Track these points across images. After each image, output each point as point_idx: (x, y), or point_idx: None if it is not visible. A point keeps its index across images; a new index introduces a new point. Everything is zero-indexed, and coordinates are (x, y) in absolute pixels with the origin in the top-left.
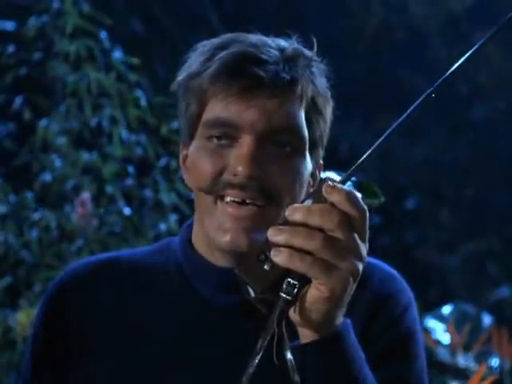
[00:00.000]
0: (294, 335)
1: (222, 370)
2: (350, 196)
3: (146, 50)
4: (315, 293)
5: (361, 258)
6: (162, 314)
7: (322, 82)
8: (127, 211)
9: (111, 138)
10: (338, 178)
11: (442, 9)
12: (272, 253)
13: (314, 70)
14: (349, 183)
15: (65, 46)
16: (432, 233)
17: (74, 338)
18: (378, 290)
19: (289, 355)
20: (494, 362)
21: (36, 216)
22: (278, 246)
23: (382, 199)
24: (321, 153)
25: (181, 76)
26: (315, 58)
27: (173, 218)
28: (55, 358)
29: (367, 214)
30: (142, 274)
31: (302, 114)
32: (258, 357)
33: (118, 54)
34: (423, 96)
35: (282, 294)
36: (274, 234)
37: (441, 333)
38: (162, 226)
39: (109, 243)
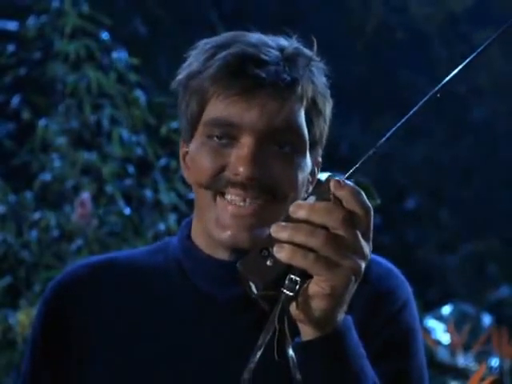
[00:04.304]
0: (296, 332)
1: (224, 364)
2: (356, 193)
3: (148, 50)
4: (316, 289)
5: (363, 257)
6: (162, 311)
7: (321, 82)
8: (127, 211)
9: (111, 137)
10: None
11: (442, 9)
12: (275, 249)
13: (314, 69)
14: None
15: (64, 46)
16: (432, 233)
17: (73, 337)
18: (376, 286)
19: (290, 352)
20: (494, 362)
21: (35, 216)
22: (280, 242)
23: (378, 201)
24: (320, 151)
25: (181, 74)
26: (315, 57)
27: (172, 217)
28: (55, 359)
29: (372, 212)
30: (140, 274)
31: (303, 114)
32: (259, 352)
33: (119, 54)
34: (427, 97)
35: (284, 290)
36: (277, 231)
37: (441, 333)
38: (162, 226)
39: (108, 243)
